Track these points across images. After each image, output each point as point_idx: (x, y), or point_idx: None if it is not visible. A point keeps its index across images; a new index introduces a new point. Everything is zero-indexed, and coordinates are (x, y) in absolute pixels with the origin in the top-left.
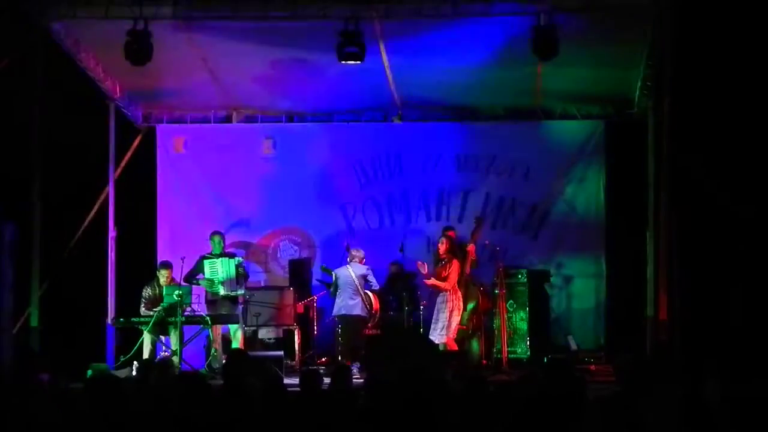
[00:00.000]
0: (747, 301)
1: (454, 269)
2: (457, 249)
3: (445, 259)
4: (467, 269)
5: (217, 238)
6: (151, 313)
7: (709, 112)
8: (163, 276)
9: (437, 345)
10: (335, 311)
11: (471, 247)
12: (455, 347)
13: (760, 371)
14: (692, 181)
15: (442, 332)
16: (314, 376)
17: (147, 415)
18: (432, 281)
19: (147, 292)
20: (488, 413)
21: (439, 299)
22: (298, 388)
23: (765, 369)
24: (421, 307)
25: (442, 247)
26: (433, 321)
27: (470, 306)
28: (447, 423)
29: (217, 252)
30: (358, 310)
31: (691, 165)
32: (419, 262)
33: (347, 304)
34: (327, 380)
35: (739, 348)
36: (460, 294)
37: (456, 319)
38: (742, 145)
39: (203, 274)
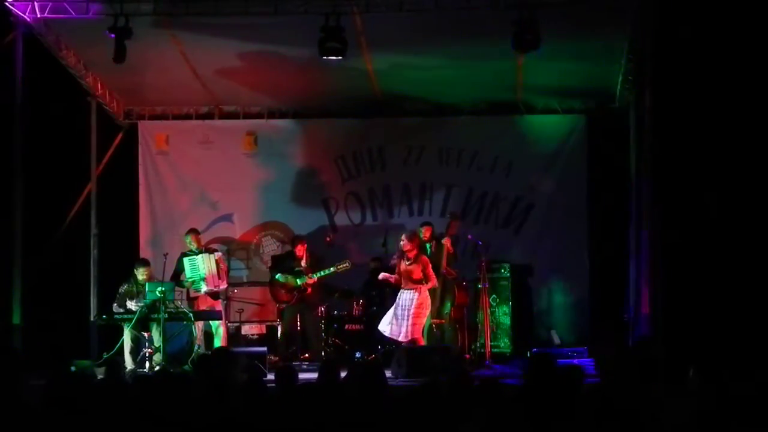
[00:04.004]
0: (730, 294)
1: (428, 266)
2: (423, 246)
3: (412, 259)
4: (443, 263)
5: (190, 237)
6: (122, 310)
7: (691, 106)
8: (141, 274)
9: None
10: None
11: (447, 241)
12: (422, 342)
13: (744, 363)
14: (675, 174)
15: (408, 329)
16: (289, 373)
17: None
18: (412, 285)
19: (124, 288)
20: (474, 408)
21: (407, 296)
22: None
23: (749, 361)
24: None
25: (408, 245)
26: (396, 317)
27: (447, 300)
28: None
29: (195, 250)
30: None
31: (673, 158)
32: (383, 275)
33: None
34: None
35: (722, 341)
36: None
37: (425, 319)
38: (724, 139)
39: (185, 273)
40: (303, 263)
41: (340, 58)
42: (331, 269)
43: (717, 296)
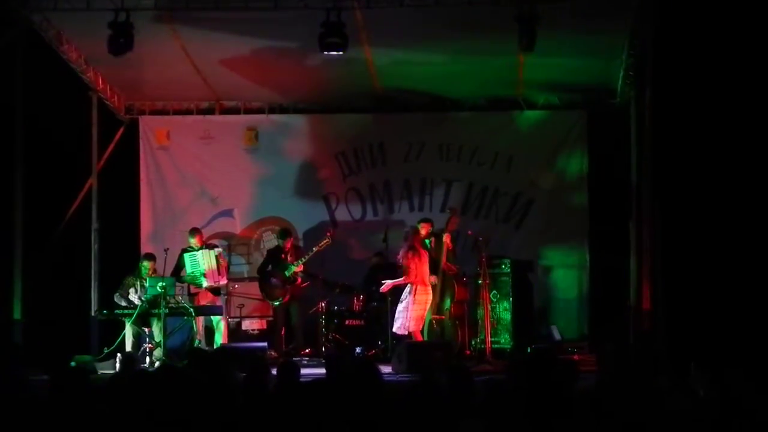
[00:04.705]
0: (731, 289)
1: (409, 263)
2: (418, 243)
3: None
4: (443, 259)
5: (194, 238)
6: (123, 302)
7: (691, 102)
8: (146, 268)
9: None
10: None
11: (447, 237)
12: (420, 338)
13: (744, 360)
14: (675, 170)
15: (406, 322)
16: (292, 368)
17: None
18: (389, 284)
19: (129, 280)
20: (474, 405)
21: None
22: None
23: (748, 358)
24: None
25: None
26: (397, 310)
27: (448, 296)
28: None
29: (196, 247)
30: None
31: (674, 154)
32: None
33: None
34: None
35: (722, 337)
36: (421, 287)
37: (415, 313)
38: (724, 134)
39: (185, 268)
40: (289, 257)
41: (340, 53)
42: (314, 249)
43: (718, 291)
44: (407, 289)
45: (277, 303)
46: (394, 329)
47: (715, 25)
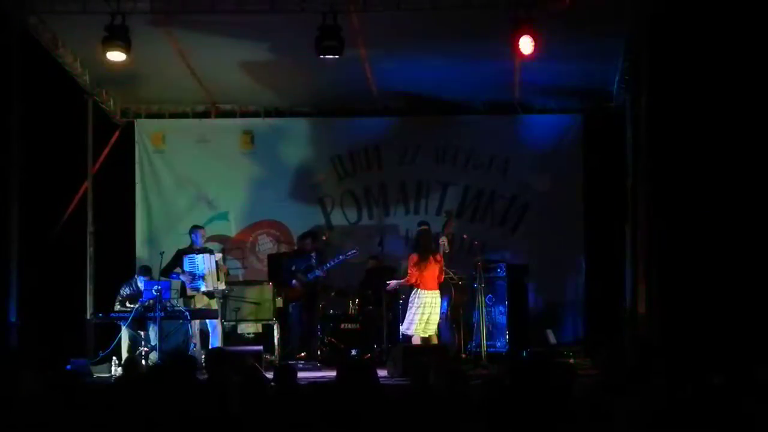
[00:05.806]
0: (725, 292)
1: (411, 266)
2: (424, 248)
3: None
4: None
5: (199, 233)
6: (129, 305)
7: (687, 105)
8: (141, 282)
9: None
10: None
11: (443, 240)
12: (436, 341)
13: (739, 363)
14: (670, 173)
15: (409, 327)
16: (288, 371)
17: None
18: (392, 284)
19: (125, 290)
20: (470, 408)
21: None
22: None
23: (743, 360)
24: (401, 300)
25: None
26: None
27: (444, 300)
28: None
29: (197, 247)
30: None
31: (669, 157)
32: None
33: None
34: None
35: (717, 340)
36: (426, 291)
37: (420, 316)
38: (720, 138)
39: (181, 269)
40: (312, 261)
41: (337, 56)
42: (341, 257)
43: (713, 294)
44: (413, 292)
45: (292, 304)
46: (403, 330)
47: (710, 28)
